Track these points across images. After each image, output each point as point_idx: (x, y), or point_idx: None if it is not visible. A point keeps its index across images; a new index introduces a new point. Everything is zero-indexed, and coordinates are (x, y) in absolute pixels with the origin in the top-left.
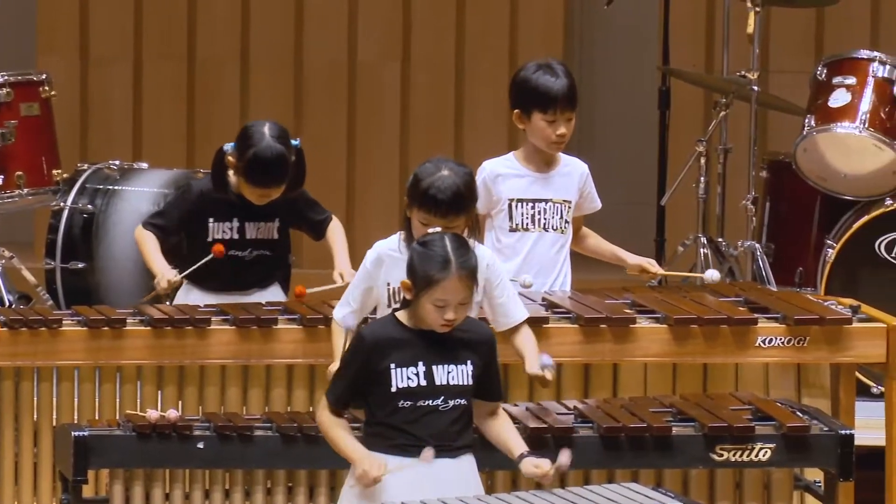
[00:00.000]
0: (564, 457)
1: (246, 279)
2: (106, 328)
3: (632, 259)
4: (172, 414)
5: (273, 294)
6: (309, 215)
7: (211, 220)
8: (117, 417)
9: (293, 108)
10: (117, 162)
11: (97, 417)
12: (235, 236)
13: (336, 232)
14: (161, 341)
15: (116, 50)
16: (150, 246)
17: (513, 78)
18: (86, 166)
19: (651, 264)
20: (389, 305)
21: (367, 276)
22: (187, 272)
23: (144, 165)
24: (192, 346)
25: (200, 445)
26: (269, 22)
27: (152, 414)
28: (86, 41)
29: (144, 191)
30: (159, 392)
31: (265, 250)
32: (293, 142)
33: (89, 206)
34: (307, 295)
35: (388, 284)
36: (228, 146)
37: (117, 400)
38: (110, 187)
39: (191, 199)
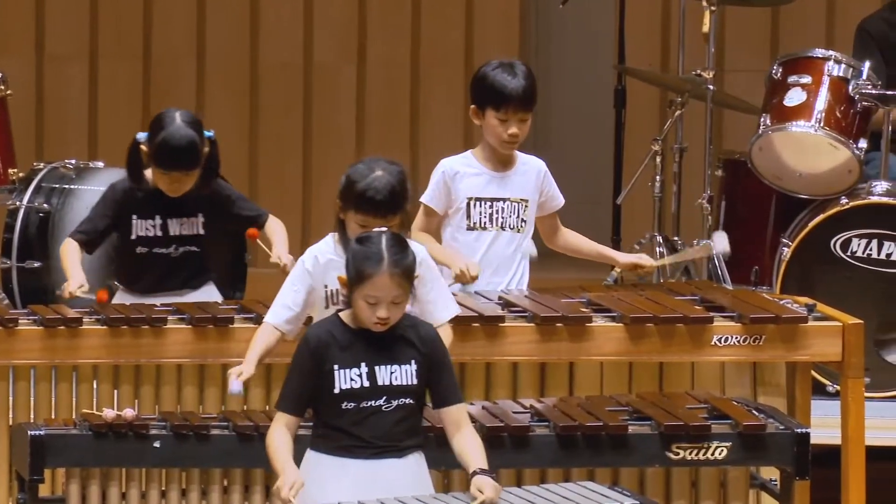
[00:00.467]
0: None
1: (175, 279)
2: (62, 327)
3: (623, 258)
4: (129, 413)
5: (207, 294)
6: (237, 211)
7: (134, 217)
8: (73, 417)
9: (249, 108)
10: (73, 161)
11: (53, 417)
12: (159, 233)
13: (275, 226)
14: (117, 340)
15: (72, 48)
16: (69, 255)
17: (474, 74)
18: (42, 165)
19: (644, 260)
20: (327, 307)
21: (307, 277)
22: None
23: (100, 164)
24: (148, 346)
25: (157, 444)
26: (224, 22)
27: (108, 413)
28: (41, 39)
29: (100, 190)
30: (115, 391)
31: (191, 247)
32: (207, 132)
33: (45, 206)
34: (259, 235)
35: (326, 287)
36: (142, 135)
37: (73, 399)
38: (66, 186)
39: (114, 198)
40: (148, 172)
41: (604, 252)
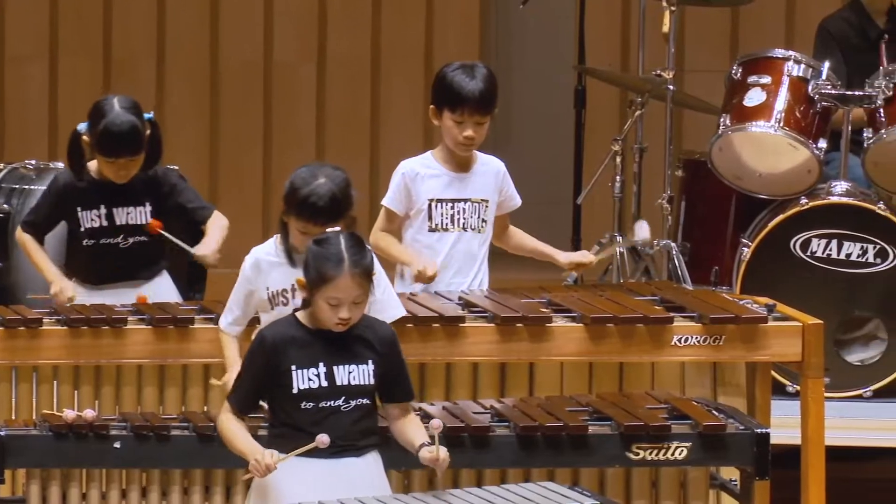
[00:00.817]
0: (435, 422)
1: (127, 270)
2: (22, 328)
3: (564, 257)
4: (89, 414)
5: (161, 285)
6: (181, 200)
7: (79, 208)
8: (34, 417)
9: (209, 107)
10: (33, 161)
11: (14, 417)
12: (104, 223)
13: (216, 221)
14: (77, 341)
15: (32, 48)
16: (36, 251)
17: (436, 74)
18: (1, 166)
19: (584, 256)
20: (272, 309)
21: (247, 281)
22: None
23: (60, 165)
24: (108, 346)
25: (117, 445)
26: (184, 21)
27: (69, 414)
28: (1, 39)
29: None
30: (76, 392)
31: (140, 236)
32: (146, 115)
33: (5, 206)
34: (160, 226)
35: (268, 288)
36: (82, 126)
37: (34, 400)
38: (26, 187)
39: (57, 190)
40: (91, 164)
41: (545, 251)
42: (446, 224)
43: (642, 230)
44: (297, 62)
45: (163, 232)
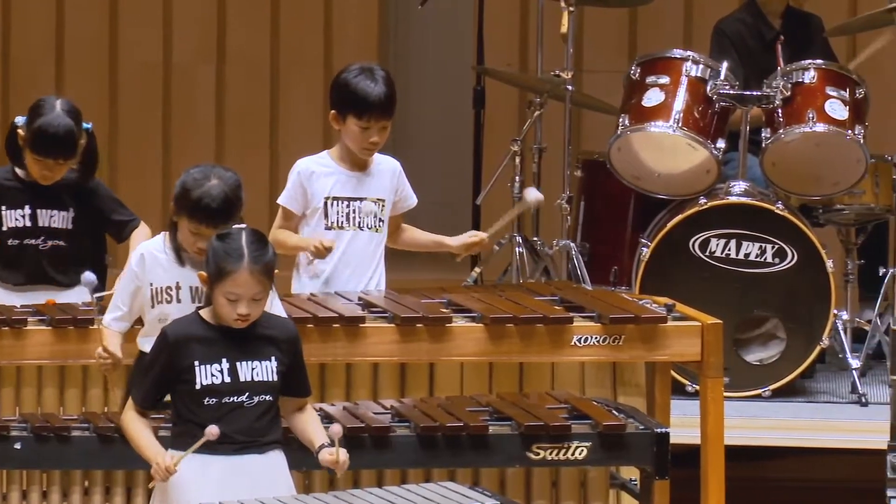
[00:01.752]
0: (335, 427)
1: (45, 272)
2: None
3: (455, 242)
4: None
5: (81, 293)
6: (108, 212)
7: (3, 207)
8: None
9: (108, 108)
10: None
11: None
12: (28, 224)
13: (140, 236)
14: None
15: None
16: None
17: (334, 78)
18: None
19: (475, 235)
20: (153, 306)
21: (134, 276)
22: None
23: None
24: (8, 347)
25: (17, 446)
26: (83, 22)
27: None
28: None
29: None
30: None
31: (59, 240)
32: (85, 124)
33: None
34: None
35: (151, 285)
36: (20, 119)
37: None
38: None
39: None
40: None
41: (438, 240)
42: (342, 222)
43: (532, 194)
44: (196, 63)
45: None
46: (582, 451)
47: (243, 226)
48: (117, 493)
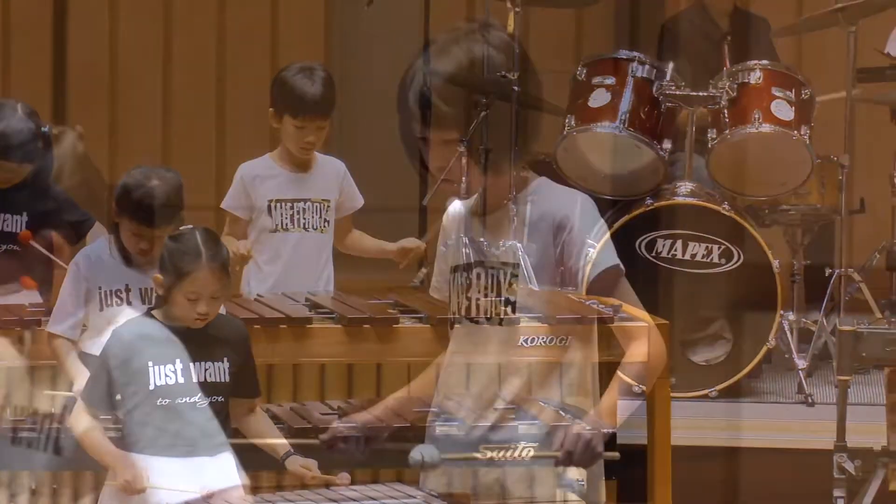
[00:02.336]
0: (343, 477)
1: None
2: None
3: (392, 247)
4: None
5: (33, 296)
6: (63, 214)
7: None
8: None
9: (52, 109)
10: None
11: None
12: None
13: (96, 236)
14: None
15: None
16: None
17: (274, 76)
18: None
19: (410, 242)
20: (101, 309)
21: (84, 279)
22: None
23: None
24: None
25: None
26: (28, 21)
27: None
28: None
29: None
30: None
31: (12, 244)
32: (44, 128)
33: None
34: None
35: (100, 288)
36: None
37: None
38: None
39: None
40: None
41: (378, 246)
42: (286, 224)
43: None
44: (142, 64)
45: (34, 243)
46: (529, 451)
47: (193, 226)
48: (64, 495)
